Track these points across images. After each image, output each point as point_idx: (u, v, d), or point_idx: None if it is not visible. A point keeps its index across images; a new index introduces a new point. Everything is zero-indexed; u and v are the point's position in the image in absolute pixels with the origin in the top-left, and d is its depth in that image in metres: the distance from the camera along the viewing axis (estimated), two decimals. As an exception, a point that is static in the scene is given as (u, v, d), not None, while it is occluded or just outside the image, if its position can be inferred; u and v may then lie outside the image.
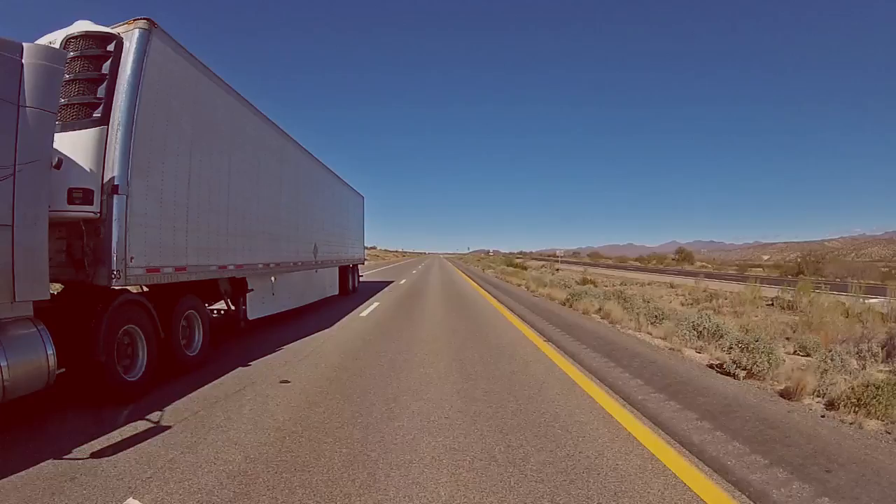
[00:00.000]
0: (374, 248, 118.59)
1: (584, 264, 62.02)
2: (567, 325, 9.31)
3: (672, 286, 21.89)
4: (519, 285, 21.52)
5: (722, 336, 6.90)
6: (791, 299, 13.17)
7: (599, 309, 10.84)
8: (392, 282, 22.65)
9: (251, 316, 7.14)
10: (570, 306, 12.36)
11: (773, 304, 13.61)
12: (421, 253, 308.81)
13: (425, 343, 7.30)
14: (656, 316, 9.04)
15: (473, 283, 24.02)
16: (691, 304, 14.64)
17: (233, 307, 7.03)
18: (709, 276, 33.06)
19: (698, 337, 7.18)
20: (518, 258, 76.98)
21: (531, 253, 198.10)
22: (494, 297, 15.27)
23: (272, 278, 8.08)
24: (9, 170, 3.43)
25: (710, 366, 5.98)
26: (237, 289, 6.94)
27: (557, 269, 37.21)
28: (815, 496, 2.80)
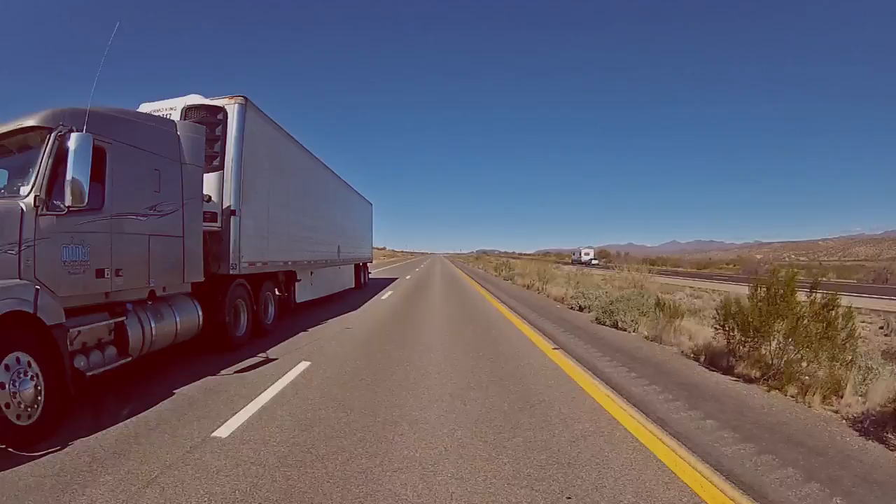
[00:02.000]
0: (383, 248, 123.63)
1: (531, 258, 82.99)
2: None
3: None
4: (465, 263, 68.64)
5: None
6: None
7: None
8: (395, 279, 25.06)
9: (298, 300, 9.54)
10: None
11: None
12: (424, 252, 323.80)
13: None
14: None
15: (452, 264, 59.50)
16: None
17: (285, 293, 9.33)
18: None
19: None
20: (490, 256, 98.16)
21: (517, 253, 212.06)
22: (453, 264, 59.56)
23: (310, 272, 10.45)
24: (179, 203, 5.71)
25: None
26: (289, 279, 9.29)
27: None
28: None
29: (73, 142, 3.96)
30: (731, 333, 5.72)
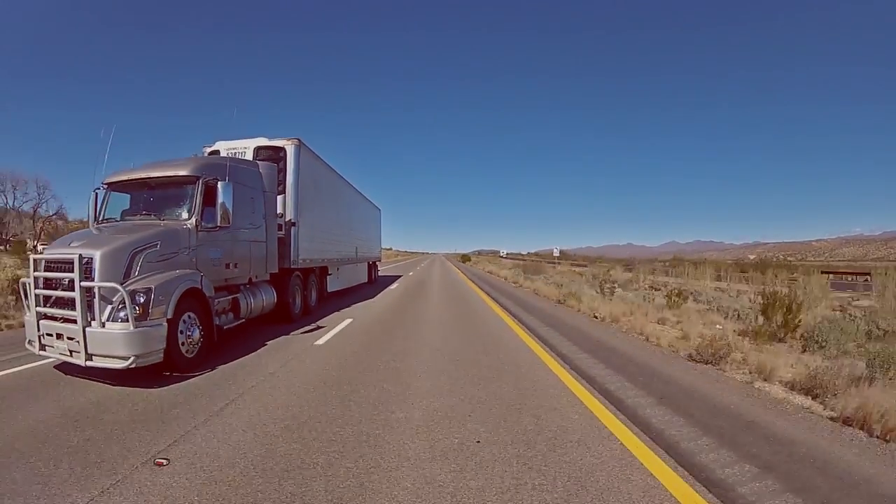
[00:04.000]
0: (390, 248, 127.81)
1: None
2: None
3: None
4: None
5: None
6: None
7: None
8: (400, 275, 27.75)
9: (329, 290, 12.22)
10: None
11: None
12: (425, 252, 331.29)
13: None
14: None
15: (448, 260, 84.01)
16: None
17: (320, 284, 11.95)
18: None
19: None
20: (483, 255, 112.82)
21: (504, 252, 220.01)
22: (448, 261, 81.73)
23: (337, 268, 13.10)
24: (263, 220, 8.29)
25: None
26: (322, 273, 11.92)
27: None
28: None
29: (221, 187, 6.57)
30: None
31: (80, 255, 5.36)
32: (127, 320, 5.24)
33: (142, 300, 5.40)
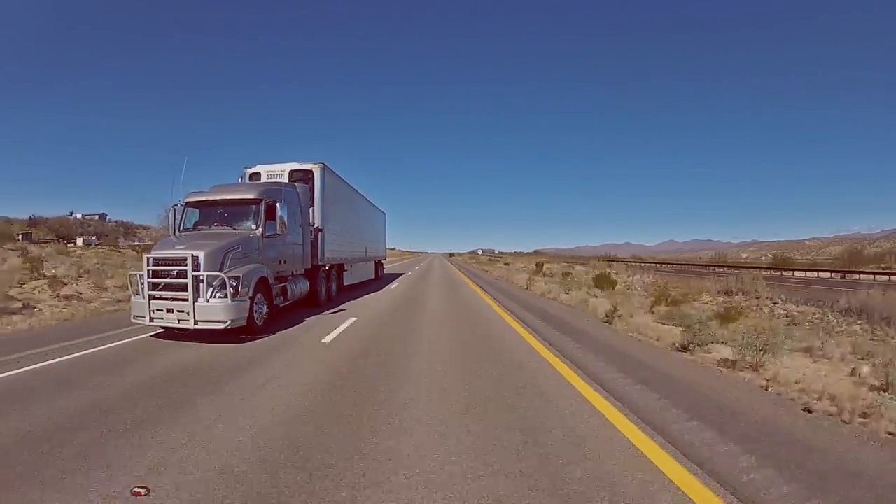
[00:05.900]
0: (394, 248, 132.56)
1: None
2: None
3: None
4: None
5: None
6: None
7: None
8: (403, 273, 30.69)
9: (345, 283, 15.10)
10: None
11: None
12: (425, 252, 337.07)
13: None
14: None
15: (446, 260, 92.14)
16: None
17: (339, 278, 14.80)
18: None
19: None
20: (470, 254, 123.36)
21: (497, 252, 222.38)
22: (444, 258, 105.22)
23: (351, 265, 15.97)
24: (300, 228, 11.16)
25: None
26: (340, 269, 14.78)
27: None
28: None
29: (279, 207, 9.44)
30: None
31: (192, 254, 8.09)
32: (225, 297, 7.95)
33: (234, 284, 8.07)
